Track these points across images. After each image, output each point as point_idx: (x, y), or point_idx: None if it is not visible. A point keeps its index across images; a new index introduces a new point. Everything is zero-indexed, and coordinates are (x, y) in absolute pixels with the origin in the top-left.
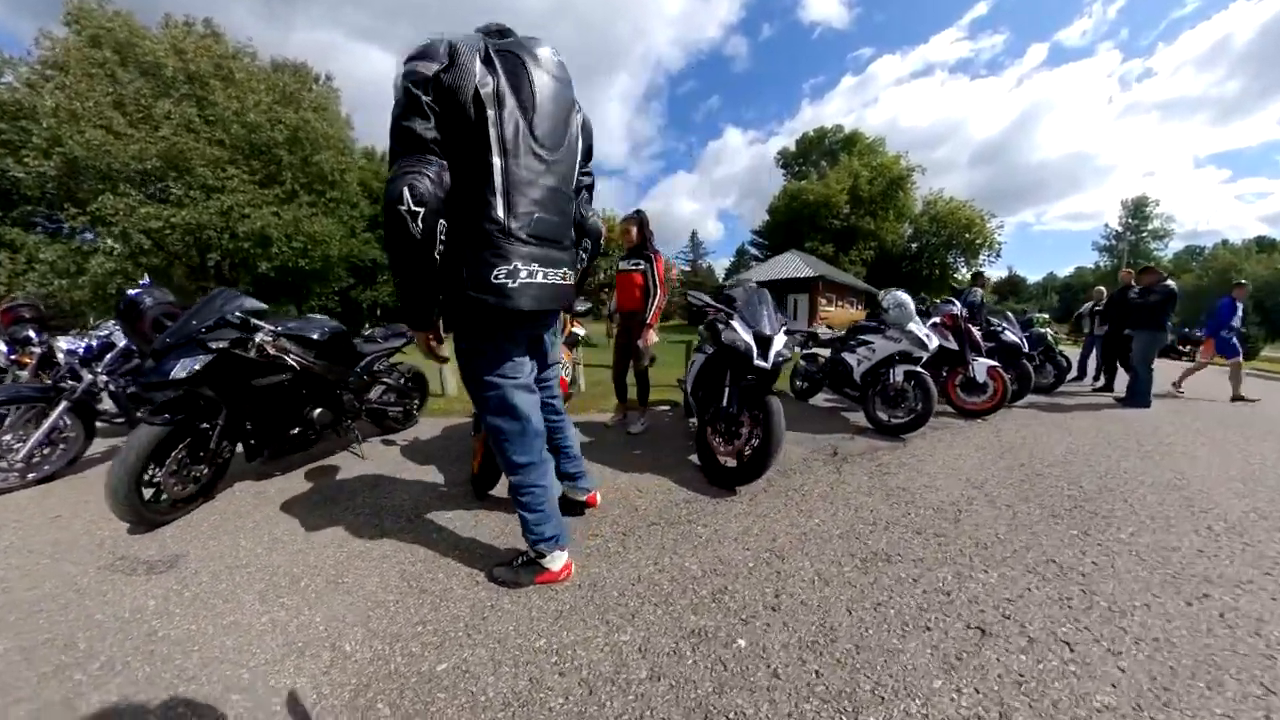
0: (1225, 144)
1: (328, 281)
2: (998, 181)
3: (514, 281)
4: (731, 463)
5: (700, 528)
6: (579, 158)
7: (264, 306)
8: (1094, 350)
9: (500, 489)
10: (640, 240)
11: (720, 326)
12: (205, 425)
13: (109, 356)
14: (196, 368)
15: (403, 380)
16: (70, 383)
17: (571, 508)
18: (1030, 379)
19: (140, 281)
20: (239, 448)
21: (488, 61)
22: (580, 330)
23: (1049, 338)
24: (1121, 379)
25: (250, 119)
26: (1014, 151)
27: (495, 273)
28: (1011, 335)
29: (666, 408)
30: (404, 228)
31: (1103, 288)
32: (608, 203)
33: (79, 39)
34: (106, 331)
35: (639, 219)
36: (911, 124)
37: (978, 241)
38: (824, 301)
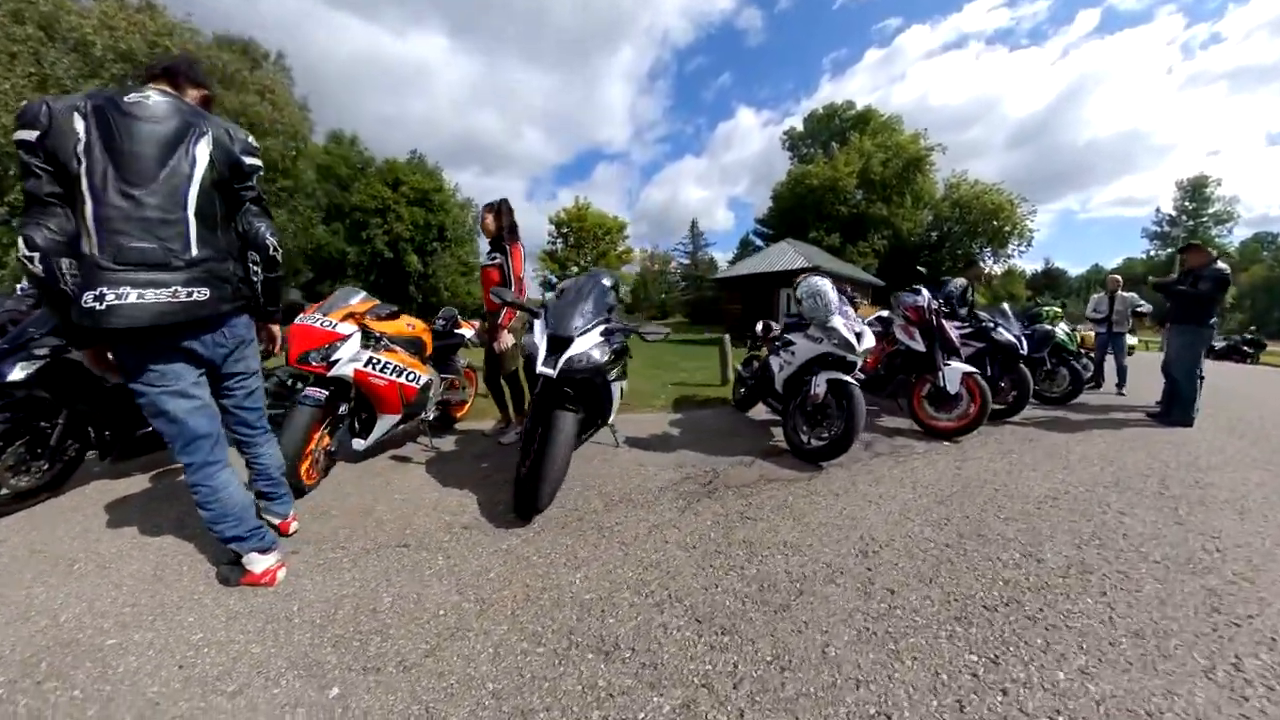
0: None
1: (283, 277)
2: (1038, 164)
3: (101, 305)
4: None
5: (443, 559)
6: (196, 184)
7: None
8: (1108, 350)
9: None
10: (497, 231)
11: (528, 328)
12: (45, 424)
13: None
14: (31, 371)
15: (283, 382)
16: None
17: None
18: (1028, 387)
19: (19, 287)
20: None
21: (86, 117)
22: (468, 331)
23: (1062, 336)
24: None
25: None
26: (1057, 131)
27: (85, 298)
28: (1005, 333)
29: None
30: (28, 269)
31: (1119, 277)
32: (608, 189)
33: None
34: None
35: (496, 206)
36: (942, 101)
37: (1006, 229)
38: None
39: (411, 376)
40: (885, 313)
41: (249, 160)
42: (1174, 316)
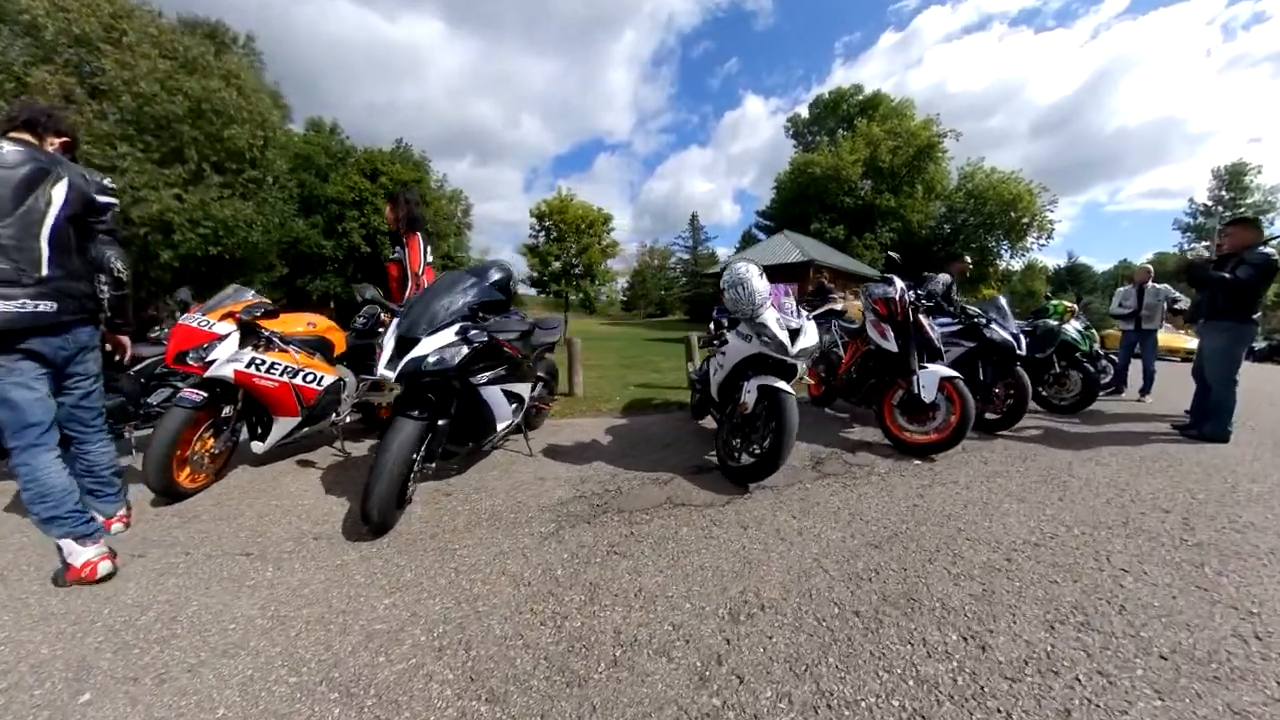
0: None
1: (256, 270)
2: (1064, 154)
3: None
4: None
5: (273, 570)
6: (50, 218)
7: None
8: (1135, 351)
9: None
10: (395, 223)
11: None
12: None
13: None
14: None
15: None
16: None
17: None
18: (1026, 393)
19: None
20: None
21: None
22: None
23: (1073, 334)
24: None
25: (142, 88)
26: (1085, 119)
27: None
28: (999, 331)
29: None
30: None
31: (1149, 267)
32: (609, 181)
33: None
34: None
35: (393, 197)
36: (962, 88)
37: (1024, 221)
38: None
39: (310, 377)
40: (840, 305)
41: (102, 199)
42: (1209, 309)
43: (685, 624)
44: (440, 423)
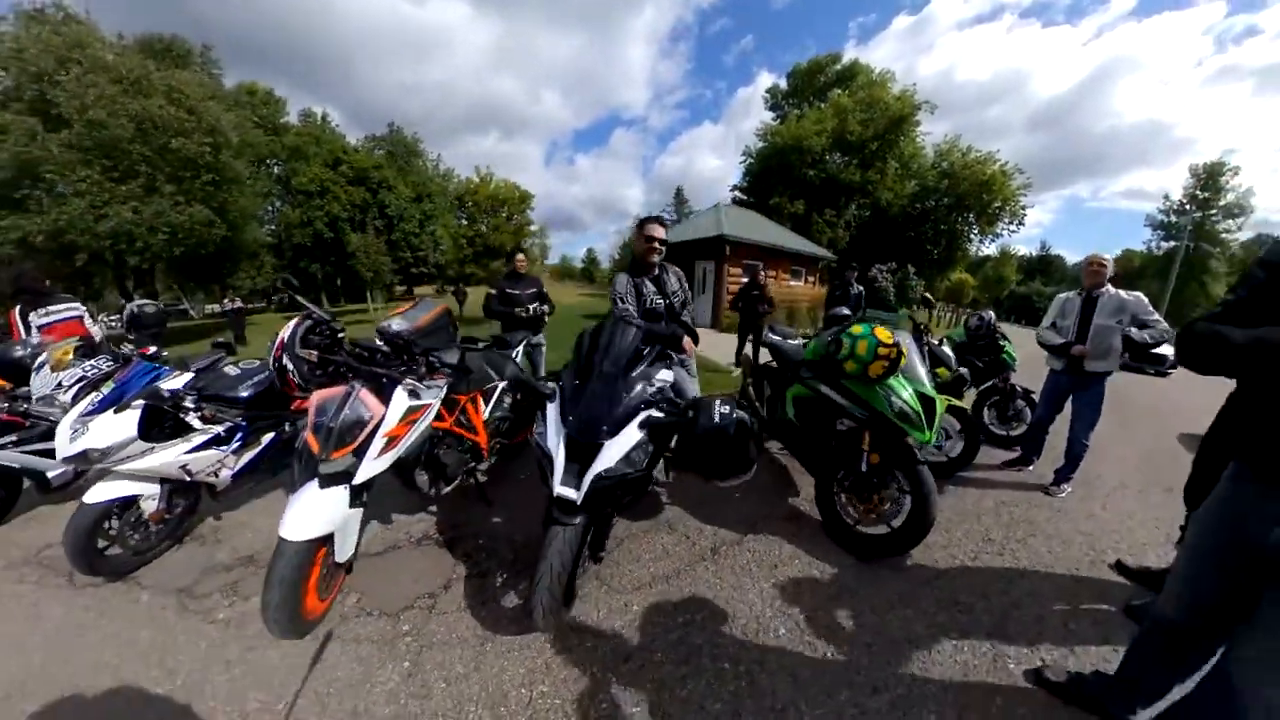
0: None
1: (237, 263)
2: (1055, 149)
3: None
4: None
5: None
6: None
7: None
8: (1062, 404)
9: None
10: None
11: None
12: None
13: None
14: None
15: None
16: None
17: None
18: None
19: None
20: None
21: None
22: None
23: (947, 354)
24: None
25: (91, 116)
26: (1079, 115)
27: None
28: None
29: None
30: None
31: (1107, 258)
32: (624, 156)
33: None
34: None
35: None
36: (969, 76)
37: (996, 205)
38: (737, 272)
39: None
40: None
41: None
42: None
43: None
44: None
